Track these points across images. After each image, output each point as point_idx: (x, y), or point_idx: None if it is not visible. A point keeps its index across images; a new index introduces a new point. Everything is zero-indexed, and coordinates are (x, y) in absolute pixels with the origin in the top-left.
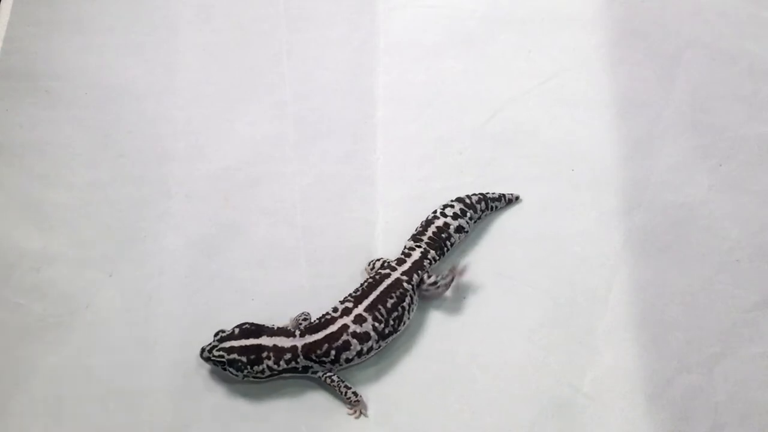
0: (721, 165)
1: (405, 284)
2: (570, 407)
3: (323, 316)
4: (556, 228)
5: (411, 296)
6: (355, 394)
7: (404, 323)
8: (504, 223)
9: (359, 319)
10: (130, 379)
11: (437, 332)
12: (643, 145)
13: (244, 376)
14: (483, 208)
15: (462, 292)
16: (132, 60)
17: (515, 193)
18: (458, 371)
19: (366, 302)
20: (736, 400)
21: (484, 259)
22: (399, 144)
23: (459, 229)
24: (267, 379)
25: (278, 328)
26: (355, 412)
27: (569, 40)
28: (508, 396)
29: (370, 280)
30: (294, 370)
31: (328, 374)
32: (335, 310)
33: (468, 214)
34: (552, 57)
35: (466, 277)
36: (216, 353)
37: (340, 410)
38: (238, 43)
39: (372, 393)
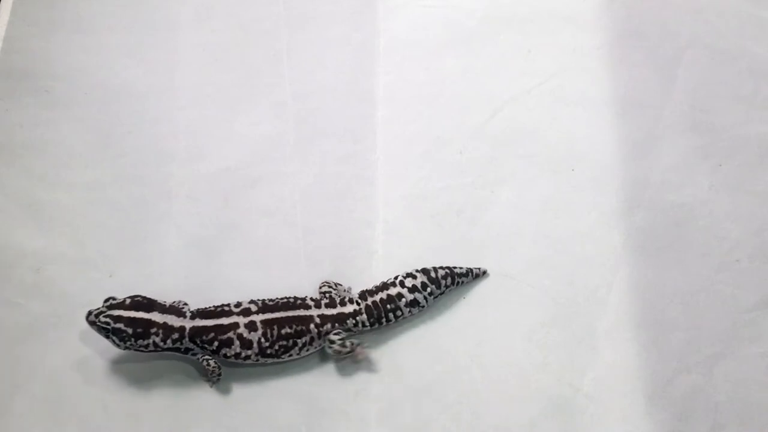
0: (721, 165)
1: (312, 326)
2: (570, 407)
3: (221, 306)
4: (556, 228)
5: (312, 339)
6: (218, 377)
7: (291, 356)
8: (504, 223)
9: (251, 326)
10: (130, 379)
11: (437, 332)
12: (643, 145)
13: (126, 347)
14: (448, 283)
15: (462, 293)
16: (132, 60)
17: (482, 267)
18: (458, 371)
19: (267, 315)
20: (736, 400)
21: (484, 259)
22: (399, 144)
23: (413, 304)
24: (148, 353)
25: (170, 305)
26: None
27: (569, 40)
28: (508, 396)
29: (291, 299)
30: (177, 349)
31: (206, 357)
32: (237, 305)
33: (428, 289)
34: (552, 57)
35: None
36: (102, 319)
37: (340, 410)
38: (238, 43)
39: (372, 393)
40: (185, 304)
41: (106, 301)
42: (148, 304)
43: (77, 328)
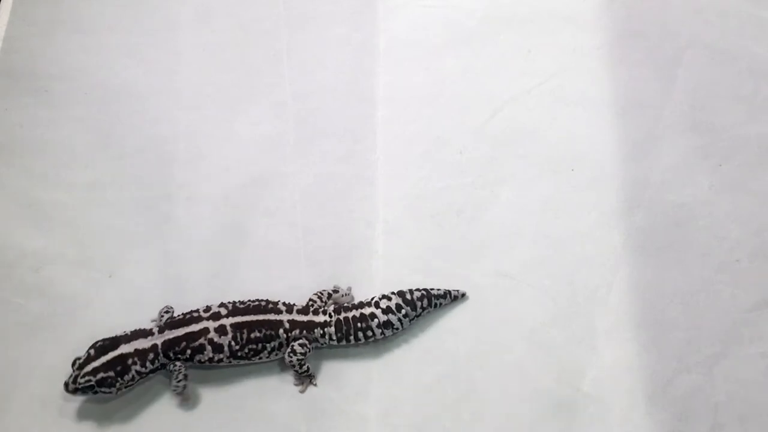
0: (721, 165)
1: (281, 331)
2: (570, 407)
3: (190, 312)
4: (556, 228)
5: (281, 344)
6: (184, 387)
7: (261, 358)
8: (504, 223)
9: (221, 330)
10: None
11: (437, 332)
12: (643, 145)
13: (118, 389)
14: (425, 305)
15: (462, 292)
16: (132, 60)
17: (461, 289)
18: (458, 371)
19: (237, 319)
20: (735, 400)
21: (484, 259)
22: (399, 144)
23: (386, 325)
24: (137, 384)
25: (132, 331)
26: (181, 399)
27: (569, 40)
28: (508, 396)
29: (263, 303)
30: (158, 369)
31: (180, 369)
32: (206, 309)
33: (403, 311)
34: (552, 57)
35: (467, 277)
36: (82, 380)
37: (340, 410)
38: (238, 43)
39: (372, 393)
40: (166, 312)
41: (73, 364)
42: (111, 343)
43: (77, 328)
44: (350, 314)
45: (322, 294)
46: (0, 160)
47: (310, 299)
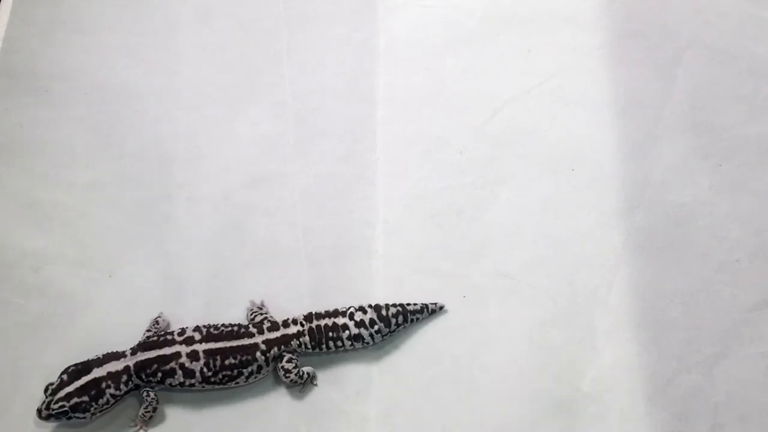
0: (721, 165)
1: (258, 354)
2: (570, 407)
3: (164, 334)
4: (556, 228)
5: (259, 367)
6: (150, 417)
7: (237, 383)
8: (504, 223)
9: (193, 355)
10: None
11: (437, 332)
12: (643, 145)
13: (92, 414)
14: (400, 321)
15: (462, 292)
16: (132, 60)
17: (439, 302)
18: (458, 371)
19: (210, 345)
20: (735, 400)
21: (484, 259)
22: (399, 144)
23: (356, 338)
24: (111, 407)
25: (104, 354)
26: (138, 426)
27: (569, 40)
28: (508, 396)
29: (235, 328)
30: (132, 390)
31: (147, 389)
32: (181, 332)
33: (376, 327)
34: (552, 57)
35: (467, 277)
36: (56, 406)
37: (340, 410)
38: (238, 43)
39: (372, 393)
40: (158, 318)
41: (45, 390)
42: (84, 368)
43: (77, 328)
44: (323, 322)
45: (253, 305)
46: (0, 160)
47: (252, 311)
